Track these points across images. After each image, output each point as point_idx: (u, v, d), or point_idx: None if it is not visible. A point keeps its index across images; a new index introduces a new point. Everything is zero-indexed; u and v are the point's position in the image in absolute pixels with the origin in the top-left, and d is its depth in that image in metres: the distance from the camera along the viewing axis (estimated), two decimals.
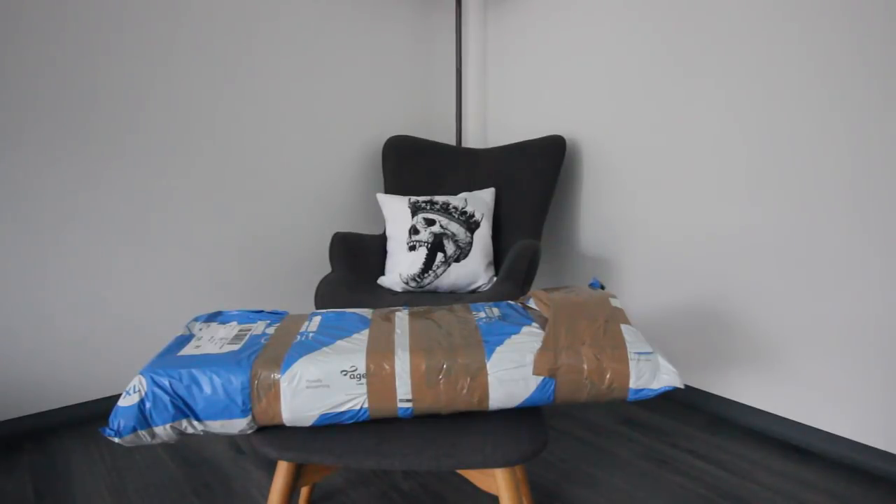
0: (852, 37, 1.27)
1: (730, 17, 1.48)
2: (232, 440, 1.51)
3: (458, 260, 1.70)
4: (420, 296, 1.62)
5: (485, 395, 0.82)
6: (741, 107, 1.48)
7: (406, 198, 1.82)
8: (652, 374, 0.83)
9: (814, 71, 1.34)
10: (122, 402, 0.79)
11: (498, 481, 0.83)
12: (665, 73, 1.65)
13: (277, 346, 0.86)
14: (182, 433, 0.81)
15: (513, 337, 0.86)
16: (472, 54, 2.37)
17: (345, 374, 0.80)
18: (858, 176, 1.28)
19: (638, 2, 1.70)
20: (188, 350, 0.87)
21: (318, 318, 0.98)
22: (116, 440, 0.78)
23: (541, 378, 0.82)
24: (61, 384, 1.59)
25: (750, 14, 1.44)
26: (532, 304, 1.04)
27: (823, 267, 1.36)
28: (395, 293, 1.68)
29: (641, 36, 1.71)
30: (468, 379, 0.81)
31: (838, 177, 1.32)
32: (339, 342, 0.86)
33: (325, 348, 0.84)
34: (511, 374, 0.81)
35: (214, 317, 1.02)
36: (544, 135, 2.08)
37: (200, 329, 0.97)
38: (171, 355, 0.85)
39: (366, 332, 0.90)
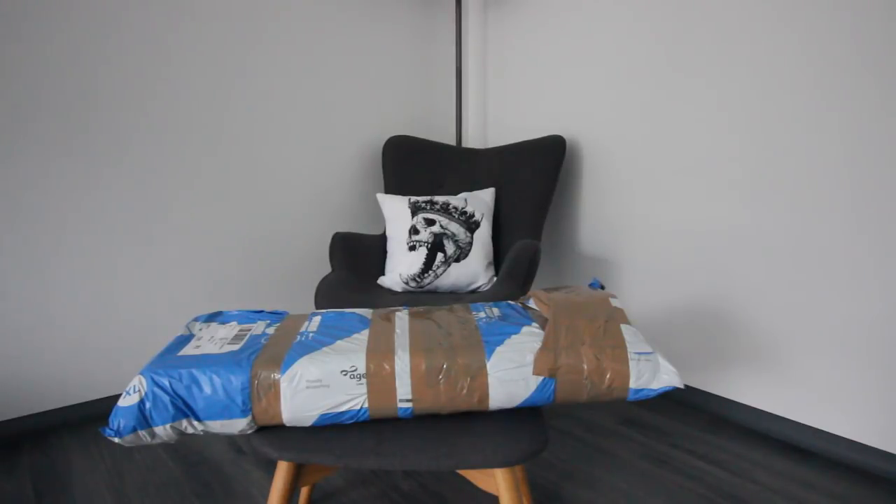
0: (848, 36, 1.27)
1: (726, 18, 1.48)
2: (232, 440, 1.51)
3: (458, 260, 1.70)
4: (420, 296, 1.62)
5: (485, 395, 0.81)
6: (741, 107, 1.48)
7: (406, 198, 1.81)
8: (652, 374, 0.83)
9: (810, 72, 1.33)
10: (122, 402, 0.79)
11: (498, 481, 0.83)
12: (664, 74, 1.65)
13: (277, 346, 0.86)
14: (182, 433, 0.81)
15: (513, 337, 0.86)
16: (472, 54, 2.37)
17: (345, 374, 0.80)
18: (856, 175, 1.28)
19: (637, 3, 1.71)
20: (188, 350, 0.87)
21: (318, 318, 0.98)
22: (116, 440, 0.78)
23: (541, 378, 0.82)
24: (61, 384, 1.59)
25: (745, 15, 1.44)
26: (532, 304, 1.04)
27: (823, 267, 1.36)
28: (395, 293, 1.68)
29: (640, 37, 1.71)
30: (468, 379, 0.81)
31: (837, 177, 1.32)
32: (339, 342, 0.86)
33: (325, 348, 0.84)
34: (511, 374, 0.81)
35: (214, 317, 1.02)
36: (544, 135, 2.08)
37: (200, 329, 0.97)
38: (171, 355, 0.85)
39: (366, 332, 0.90)
